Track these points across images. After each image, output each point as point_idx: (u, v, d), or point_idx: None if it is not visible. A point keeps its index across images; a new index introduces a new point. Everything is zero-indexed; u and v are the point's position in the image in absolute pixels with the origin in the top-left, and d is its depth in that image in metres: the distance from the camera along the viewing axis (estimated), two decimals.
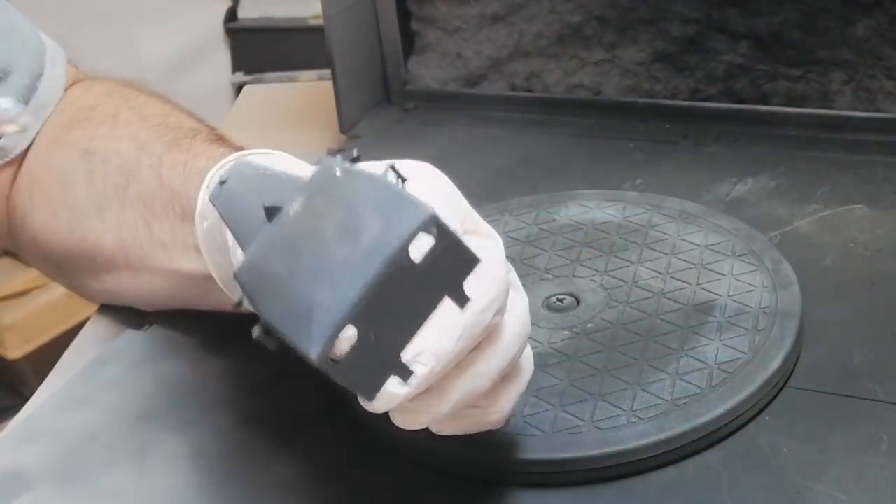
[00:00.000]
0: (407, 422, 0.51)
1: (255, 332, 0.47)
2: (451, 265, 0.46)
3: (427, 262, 0.45)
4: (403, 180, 0.48)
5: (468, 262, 0.46)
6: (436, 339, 0.47)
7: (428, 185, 0.51)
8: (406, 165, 0.51)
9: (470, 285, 0.46)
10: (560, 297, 0.70)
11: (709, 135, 0.94)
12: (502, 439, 0.59)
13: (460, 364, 0.49)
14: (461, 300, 0.46)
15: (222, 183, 0.53)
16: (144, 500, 0.61)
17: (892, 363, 0.64)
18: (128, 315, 0.75)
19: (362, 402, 0.48)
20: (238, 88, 2.08)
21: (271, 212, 0.48)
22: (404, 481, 0.60)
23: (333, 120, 1.01)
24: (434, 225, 0.44)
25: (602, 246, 0.75)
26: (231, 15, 2.19)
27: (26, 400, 0.71)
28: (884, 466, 0.57)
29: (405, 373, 0.47)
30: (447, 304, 0.46)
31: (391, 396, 0.47)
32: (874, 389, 0.62)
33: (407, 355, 0.46)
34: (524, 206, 0.81)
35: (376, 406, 0.47)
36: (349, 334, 0.44)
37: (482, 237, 0.52)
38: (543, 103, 1.03)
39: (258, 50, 2.18)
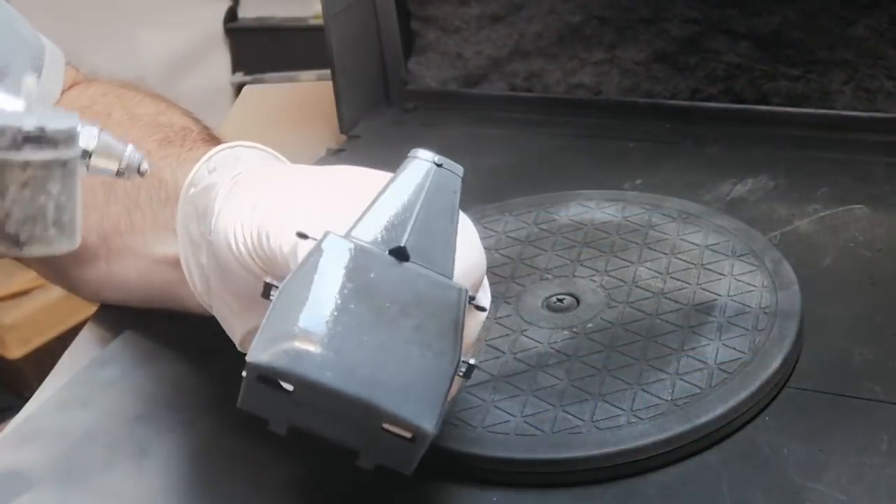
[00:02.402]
0: None
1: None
2: None
3: None
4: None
5: None
6: None
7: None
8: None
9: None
10: (560, 297, 0.70)
11: (709, 135, 0.94)
12: (503, 439, 0.59)
13: None
14: None
15: (439, 165, 0.53)
16: (144, 500, 0.61)
17: (892, 363, 0.64)
18: (128, 315, 0.75)
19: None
20: (238, 88, 2.08)
21: (399, 253, 0.49)
22: (404, 481, 0.60)
23: (333, 120, 1.01)
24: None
25: (602, 246, 0.75)
26: (231, 15, 2.19)
27: (26, 400, 0.71)
28: (884, 466, 0.57)
29: None
30: None
31: None
32: (874, 389, 0.62)
33: None
34: (524, 206, 0.81)
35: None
36: None
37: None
38: (543, 103, 1.03)
39: (258, 50, 2.18)
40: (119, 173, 0.52)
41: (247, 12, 2.19)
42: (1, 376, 1.88)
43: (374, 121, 1.04)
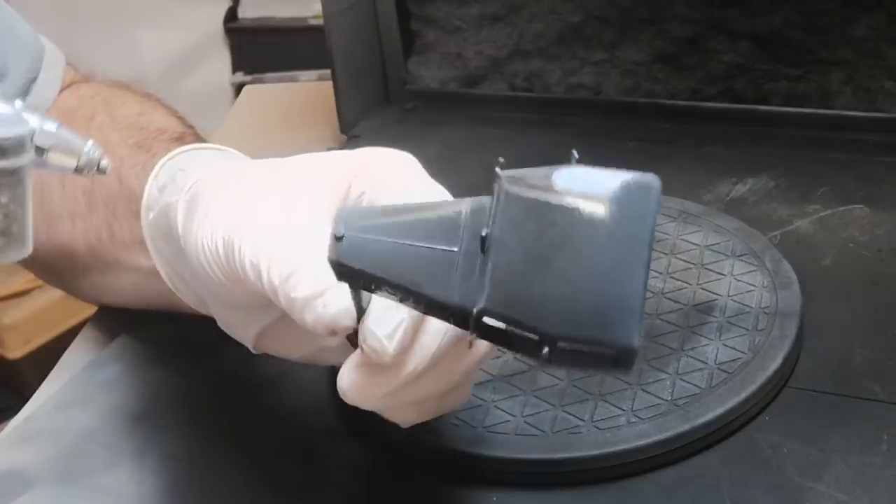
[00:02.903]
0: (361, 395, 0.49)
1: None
2: None
3: None
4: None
5: None
6: None
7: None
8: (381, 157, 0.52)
9: None
10: None
11: (709, 135, 0.94)
12: (503, 439, 0.59)
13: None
14: None
15: (338, 239, 0.46)
16: (144, 500, 0.61)
17: (892, 363, 0.64)
18: (128, 315, 0.75)
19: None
20: (238, 88, 2.08)
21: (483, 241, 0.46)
22: (404, 481, 0.60)
23: (333, 120, 1.01)
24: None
25: None
26: (231, 15, 2.19)
27: (26, 400, 0.71)
28: (884, 466, 0.57)
29: None
30: None
31: None
32: (874, 389, 0.62)
33: None
34: None
35: None
36: None
37: None
38: (543, 103, 1.03)
39: (258, 50, 2.18)
40: (79, 170, 0.51)
41: (247, 12, 2.19)
42: (1, 376, 1.88)
43: (374, 121, 1.04)
